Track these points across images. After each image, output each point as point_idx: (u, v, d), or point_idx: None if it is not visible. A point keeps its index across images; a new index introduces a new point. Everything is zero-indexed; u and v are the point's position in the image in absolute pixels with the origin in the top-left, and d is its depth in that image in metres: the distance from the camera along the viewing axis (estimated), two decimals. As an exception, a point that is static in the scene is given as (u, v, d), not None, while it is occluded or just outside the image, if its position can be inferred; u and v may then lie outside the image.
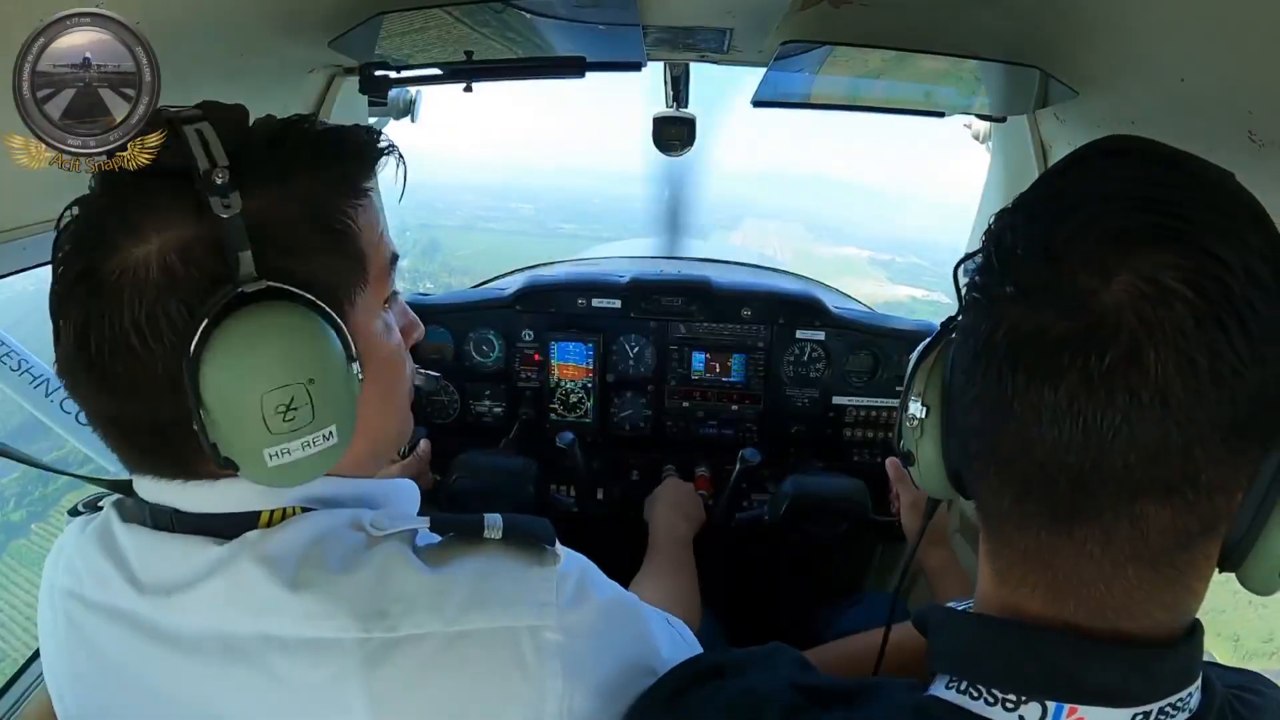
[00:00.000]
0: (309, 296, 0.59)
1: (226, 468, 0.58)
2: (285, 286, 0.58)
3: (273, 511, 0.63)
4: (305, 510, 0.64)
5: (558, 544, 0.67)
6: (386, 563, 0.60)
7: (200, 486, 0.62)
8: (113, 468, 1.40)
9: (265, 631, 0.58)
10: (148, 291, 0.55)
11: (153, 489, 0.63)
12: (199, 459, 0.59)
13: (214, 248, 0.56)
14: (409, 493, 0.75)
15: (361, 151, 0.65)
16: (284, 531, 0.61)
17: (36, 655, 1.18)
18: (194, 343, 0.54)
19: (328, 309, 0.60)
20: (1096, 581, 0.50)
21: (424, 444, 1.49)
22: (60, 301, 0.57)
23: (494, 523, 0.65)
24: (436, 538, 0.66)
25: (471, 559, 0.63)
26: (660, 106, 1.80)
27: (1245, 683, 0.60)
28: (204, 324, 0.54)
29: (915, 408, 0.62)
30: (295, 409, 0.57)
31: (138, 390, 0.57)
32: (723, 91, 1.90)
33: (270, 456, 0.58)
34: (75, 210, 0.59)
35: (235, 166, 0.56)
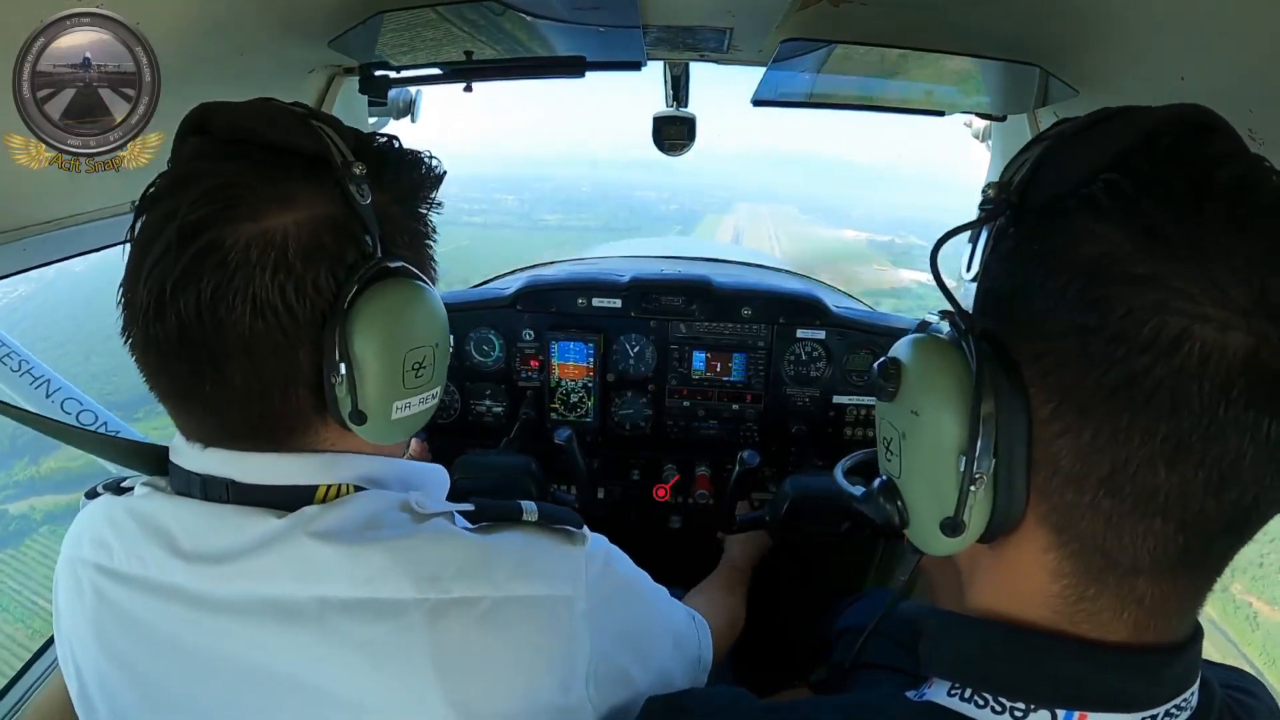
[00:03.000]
0: (424, 277, 0.69)
1: (354, 421, 0.64)
2: (410, 267, 0.67)
3: (329, 486, 0.67)
4: (357, 489, 0.68)
5: (585, 528, 0.74)
6: (437, 534, 0.66)
7: (264, 458, 0.65)
8: (113, 469, 1.40)
9: (322, 595, 0.62)
10: (292, 259, 0.59)
11: (206, 461, 0.66)
12: (297, 421, 0.65)
13: (349, 228, 0.63)
14: (441, 478, 0.80)
15: (433, 171, 0.73)
16: (340, 508, 0.65)
17: (42, 651, 1.18)
18: (346, 305, 0.61)
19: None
20: (1183, 609, 0.50)
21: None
22: (181, 275, 0.57)
23: (530, 508, 0.72)
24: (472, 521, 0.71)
25: (513, 535, 0.70)
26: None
27: (1237, 682, 0.61)
28: (354, 290, 0.62)
29: (983, 464, 0.49)
30: (424, 367, 0.68)
31: (267, 352, 0.60)
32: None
33: (396, 409, 0.67)
34: (171, 174, 0.60)
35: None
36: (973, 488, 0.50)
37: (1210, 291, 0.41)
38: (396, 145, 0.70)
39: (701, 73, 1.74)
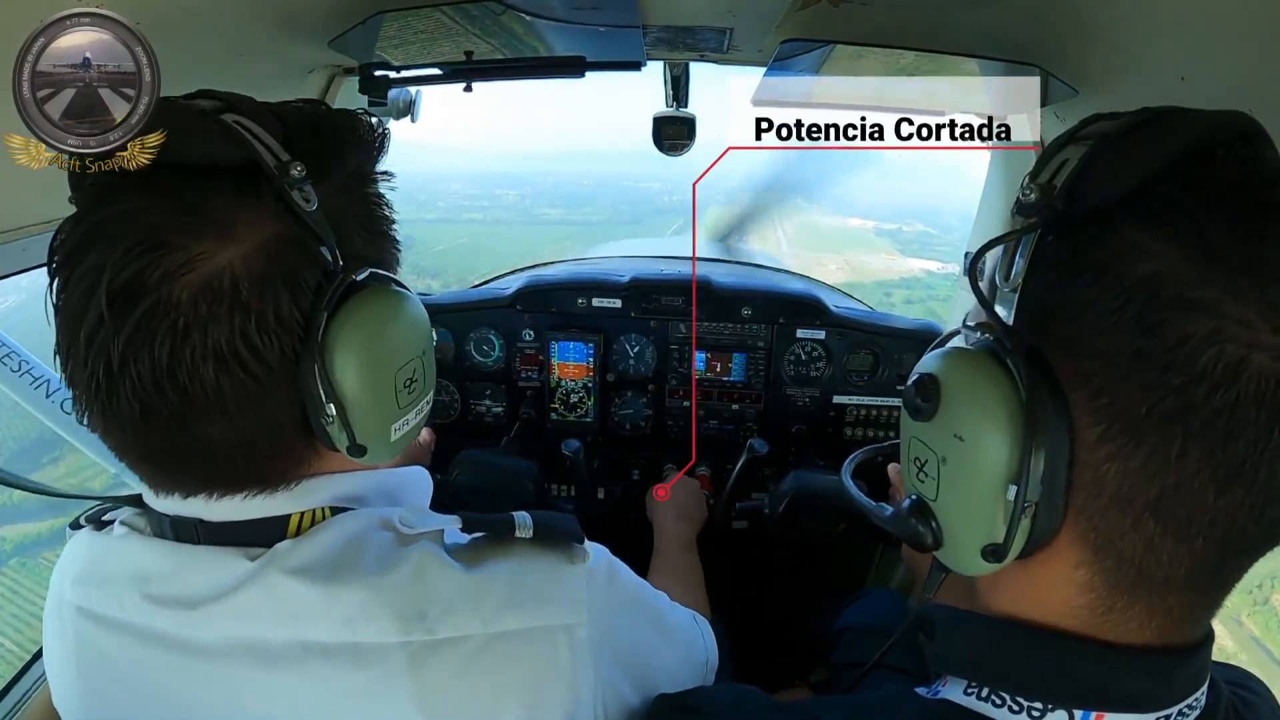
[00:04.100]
0: (395, 278, 0.62)
1: (354, 455, 0.59)
2: (380, 271, 0.61)
3: (303, 514, 0.62)
4: (334, 512, 0.63)
5: (586, 541, 0.68)
6: (421, 563, 0.60)
7: (239, 495, 0.60)
8: (114, 468, 1.40)
9: (303, 638, 0.58)
10: (247, 299, 0.52)
11: (174, 503, 0.61)
12: (289, 461, 0.60)
13: (300, 242, 0.55)
14: (423, 482, 0.75)
15: (377, 136, 0.65)
16: (315, 539, 0.60)
17: (36, 657, 1.18)
18: (320, 338, 0.54)
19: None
20: (1205, 614, 0.51)
21: (426, 432, 1.49)
22: (126, 347, 0.50)
23: (524, 522, 0.65)
24: (466, 537, 0.66)
25: (505, 559, 0.64)
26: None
27: (1239, 679, 0.62)
28: (325, 318, 0.55)
29: (1034, 494, 0.48)
30: (415, 380, 0.62)
31: (242, 404, 0.54)
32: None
33: (395, 430, 0.62)
34: (81, 226, 0.52)
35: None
36: (1024, 517, 0.48)
37: (1267, 316, 0.40)
38: (326, 117, 0.61)
39: (702, 72, 1.74)
